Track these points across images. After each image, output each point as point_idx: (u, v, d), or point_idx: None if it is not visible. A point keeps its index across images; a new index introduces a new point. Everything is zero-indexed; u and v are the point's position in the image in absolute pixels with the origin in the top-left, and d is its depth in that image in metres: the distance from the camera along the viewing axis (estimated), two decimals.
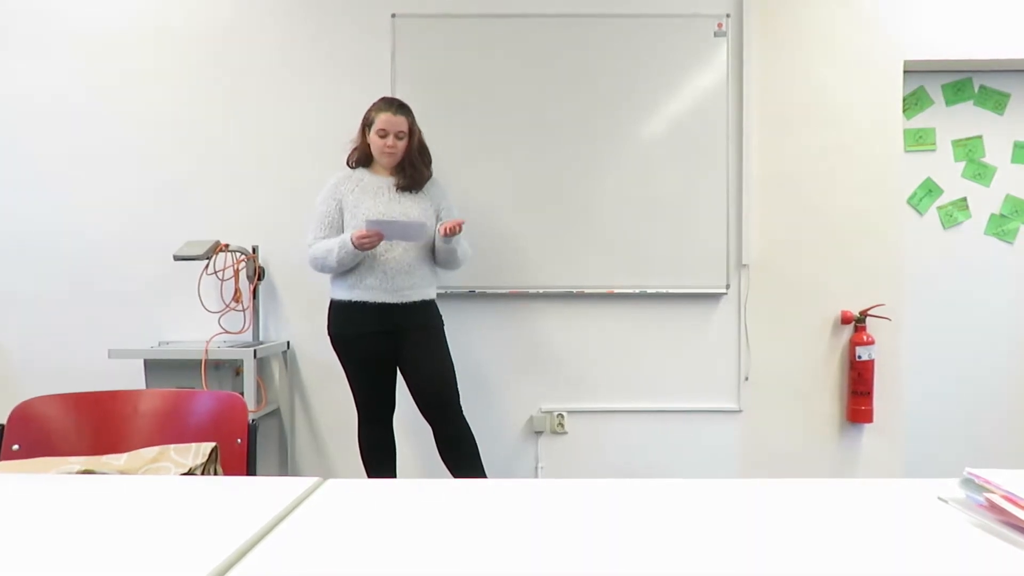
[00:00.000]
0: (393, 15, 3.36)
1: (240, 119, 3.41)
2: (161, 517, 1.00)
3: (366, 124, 2.84)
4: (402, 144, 2.82)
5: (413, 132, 2.85)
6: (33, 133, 3.42)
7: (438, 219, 2.92)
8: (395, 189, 2.85)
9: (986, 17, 3.38)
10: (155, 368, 3.14)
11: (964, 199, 3.57)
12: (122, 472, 1.40)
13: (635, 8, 3.36)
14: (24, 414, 1.59)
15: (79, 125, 3.41)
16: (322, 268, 2.80)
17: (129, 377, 3.21)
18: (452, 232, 2.72)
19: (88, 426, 1.62)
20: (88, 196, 3.42)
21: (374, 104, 2.84)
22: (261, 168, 3.41)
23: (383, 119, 2.79)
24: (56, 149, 3.42)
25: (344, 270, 2.78)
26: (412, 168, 2.85)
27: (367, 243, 2.65)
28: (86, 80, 3.41)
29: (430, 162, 2.94)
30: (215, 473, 1.47)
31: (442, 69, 3.37)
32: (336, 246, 2.71)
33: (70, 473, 1.35)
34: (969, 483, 1.03)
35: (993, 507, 0.97)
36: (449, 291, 3.31)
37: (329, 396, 3.42)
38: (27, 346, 3.44)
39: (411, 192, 2.86)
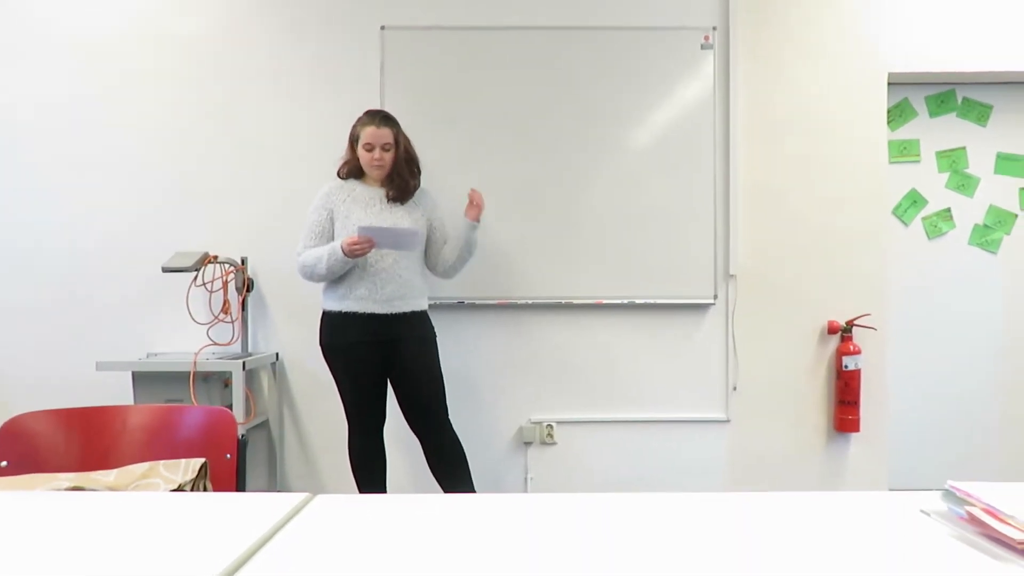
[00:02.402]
0: (382, 27, 3.37)
1: (230, 131, 3.41)
2: (151, 534, 1.01)
3: (353, 139, 2.86)
4: (389, 156, 2.83)
5: (399, 142, 2.86)
6: (19, 142, 3.40)
7: (431, 228, 2.94)
8: (386, 200, 2.85)
9: (969, 30, 3.42)
10: (143, 380, 3.12)
11: (948, 210, 3.61)
12: (111, 488, 1.40)
13: (623, 21, 3.39)
14: (13, 430, 1.59)
15: (67, 135, 3.40)
16: (311, 276, 2.79)
17: (117, 389, 3.20)
18: (479, 209, 2.91)
19: (77, 442, 1.62)
20: (76, 207, 3.41)
21: (359, 119, 2.85)
22: (251, 179, 3.41)
23: (368, 133, 2.80)
24: (43, 159, 3.40)
25: (334, 278, 2.78)
26: (399, 178, 2.86)
27: (358, 250, 2.65)
28: (74, 90, 3.40)
29: (419, 172, 2.94)
30: (204, 489, 1.47)
31: (431, 81, 3.38)
32: (326, 253, 2.71)
33: (59, 490, 1.35)
34: (951, 496, 1.05)
35: (974, 520, 0.98)
36: (438, 301, 3.31)
37: (318, 408, 3.42)
38: (14, 358, 3.42)
39: (400, 203, 2.87)
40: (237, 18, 3.41)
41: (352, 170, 2.90)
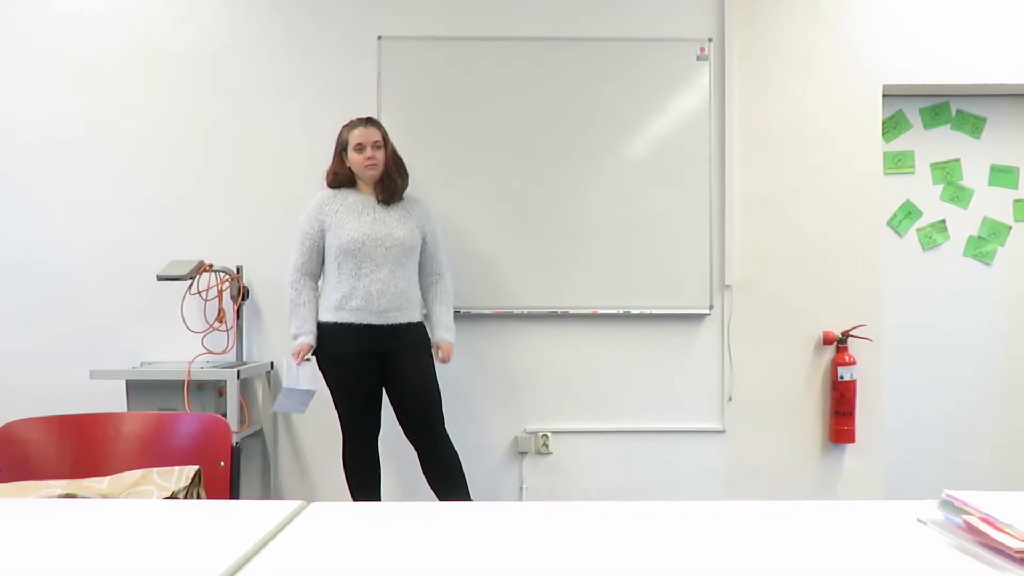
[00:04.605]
0: (379, 37, 3.38)
1: (226, 139, 3.41)
2: (144, 541, 1.00)
3: (341, 147, 2.87)
4: (381, 154, 2.84)
5: (387, 143, 2.88)
6: (15, 152, 3.40)
7: (424, 242, 2.94)
8: (378, 205, 2.86)
9: (962, 43, 3.44)
10: (137, 389, 3.11)
11: (943, 221, 3.62)
12: (104, 496, 1.39)
13: (619, 32, 3.40)
14: (5, 437, 1.57)
15: (63, 144, 3.40)
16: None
17: (111, 398, 3.17)
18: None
19: (70, 449, 1.61)
20: (71, 215, 3.40)
21: (344, 126, 2.88)
22: (246, 188, 3.41)
23: (358, 134, 2.82)
24: (38, 168, 3.40)
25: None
26: (389, 179, 2.87)
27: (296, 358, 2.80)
28: (70, 99, 3.40)
29: (406, 173, 2.95)
30: (198, 496, 1.46)
31: (428, 90, 3.38)
32: (294, 326, 2.83)
33: (51, 497, 1.34)
34: (948, 505, 1.05)
35: (971, 529, 0.98)
36: None
37: (313, 417, 3.39)
38: (7, 366, 3.40)
39: (390, 204, 2.87)
40: (233, 28, 3.42)
41: (342, 179, 2.90)
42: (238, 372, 3.03)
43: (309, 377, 2.81)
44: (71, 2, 3.40)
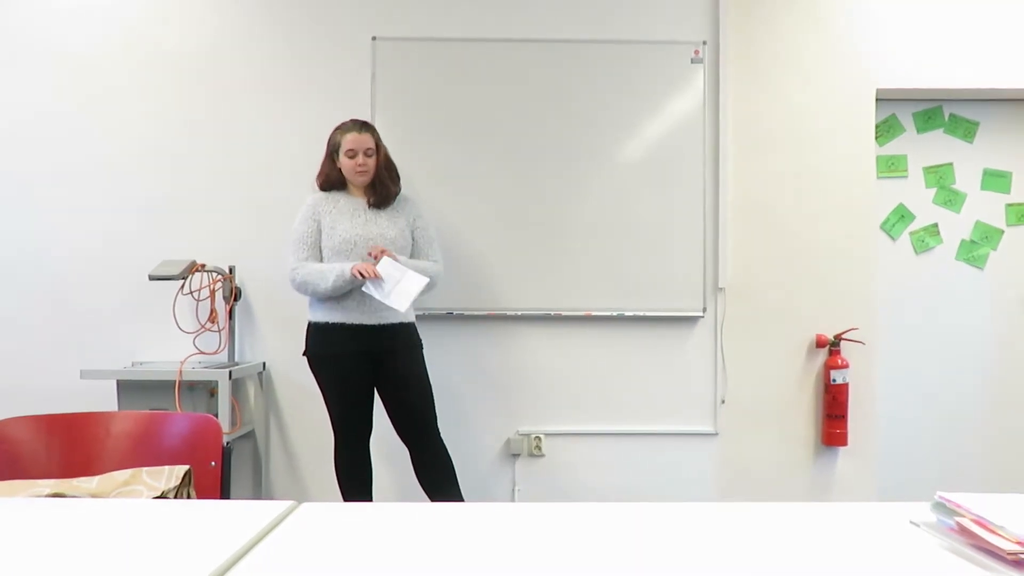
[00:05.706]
0: (373, 38, 3.37)
1: (219, 139, 3.40)
2: (133, 541, 0.99)
3: (333, 149, 2.86)
4: (372, 161, 2.83)
5: (380, 148, 2.87)
6: (7, 150, 3.38)
7: (412, 235, 2.93)
8: (368, 208, 2.85)
9: (956, 47, 3.45)
10: (128, 389, 3.09)
11: (935, 225, 3.63)
12: (93, 495, 1.38)
13: (614, 34, 3.40)
14: None
15: (56, 143, 3.38)
16: (312, 292, 2.78)
17: (101, 398, 3.14)
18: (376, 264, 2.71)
19: (59, 448, 1.59)
20: (64, 214, 3.38)
21: (337, 128, 2.86)
22: (240, 189, 3.40)
23: (350, 139, 2.80)
24: (31, 167, 3.38)
25: (334, 295, 2.75)
26: (381, 184, 2.86)
27: (365, 273, 2.64)
28: (64, 98, 3.38)
29: (398, 178, 2.94)
30: (188, 496, 1.45)
31: (422, 92, 3.38)
32: (333, 275, 2.68)
33: (39, 496, 1.33)
34: (940, 507, 1.05)
35: (963, 531, 0.98)
36: (427, 312, 3.30)
37: (305, 418, 3.39)
38: None
39: (381, 209, 2.87)
40: (227, 27, 3.41)
41: (333, 182, 2.89)
42: (230, 373, 3.02)
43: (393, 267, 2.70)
44: (67, 1, 3.38)
